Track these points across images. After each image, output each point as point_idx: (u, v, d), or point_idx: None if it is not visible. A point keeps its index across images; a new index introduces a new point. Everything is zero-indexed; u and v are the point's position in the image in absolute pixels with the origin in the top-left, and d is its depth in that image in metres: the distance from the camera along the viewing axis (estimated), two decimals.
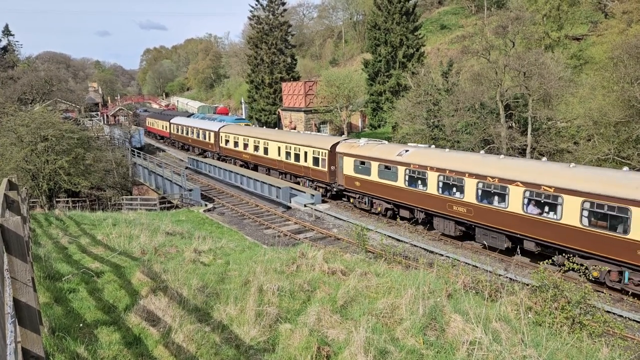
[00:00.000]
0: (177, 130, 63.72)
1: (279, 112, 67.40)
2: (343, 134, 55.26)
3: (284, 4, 72.33)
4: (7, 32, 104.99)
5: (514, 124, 35.92)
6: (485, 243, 21.82)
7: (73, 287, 9.26)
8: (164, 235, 16.72)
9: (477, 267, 19.00)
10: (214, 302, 8.52)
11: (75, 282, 9.56)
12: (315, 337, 7.16)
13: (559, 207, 18.98)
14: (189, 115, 73.99)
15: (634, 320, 15.86)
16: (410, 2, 57.56)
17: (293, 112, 62.16)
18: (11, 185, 7.32)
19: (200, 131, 55.05)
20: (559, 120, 34.36)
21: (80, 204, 33.49)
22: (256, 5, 71.78)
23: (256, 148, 42.35)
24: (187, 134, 59.91)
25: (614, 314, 15.78)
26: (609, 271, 17.82)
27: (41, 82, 70.18)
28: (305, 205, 31.90)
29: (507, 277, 17.02)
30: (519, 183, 20.40)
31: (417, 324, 7.78)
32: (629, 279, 17.24)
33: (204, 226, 26.69)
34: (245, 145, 44.32)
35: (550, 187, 19.21)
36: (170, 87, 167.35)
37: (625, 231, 16.90)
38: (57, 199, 34.54)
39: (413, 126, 39.80)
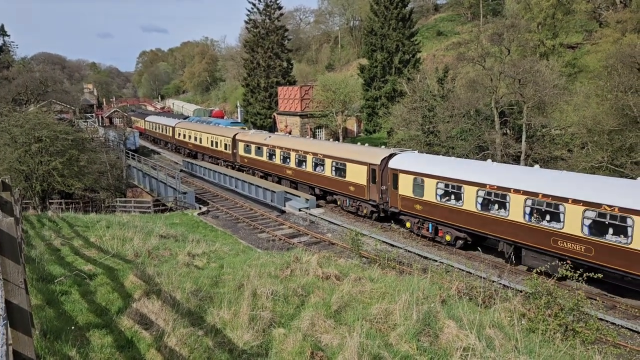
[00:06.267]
0: (150, 126, 74.33)
1: (274, 116, 67.41)
2: (338, 138, 55.35)
3: (280, 8, 72.54)
4: (2, 32, 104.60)
5: (508, 131, 36.08)
6: (302, 192, 34.45)
7: (65, 289, 9.18)
8: (158, 238, 16.64)
9: (470, 273, 19.01)
10: (208, 305, 8.48)
11: (68, 284, 9.48)
12: (309, 342, 7.14)
13: (324, 166, 32.05)
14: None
15: (626, 328, 15.92)
16: (407, 8, 57.88)
17: (289, 116, 62.19)
18: (4, 186, 7.28)
19: (164, 127, 66.81)
20: (554, 127, 34.55)
21: (73, 205, 33.25)
22: (252, 9, 71.94)
23: (196, 139, 54.22)
24: (155, 129, 71.26)
25: (606, 321, 15.84)
26: (344, 201, 30.90)
27: (36, 83, 69.89)
28: (299, 210, 31.87)
29: (500, 283, 17.06)
30: (310, 153, 33.51)
31: (411, 329, 7.76)
32: (349, 204, 30.49)
33: (198, 229, 26.61)
34: (190, 137, 56.15)
35: (321, 154, 32.25)
36: (166, 89, 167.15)
37: (344, 177, 30.08)
38: (50, 201, 34.30)
39: (408, 132, 39.91)
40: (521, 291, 14.36)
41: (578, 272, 11.75)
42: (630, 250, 16.64)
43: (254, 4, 71.58)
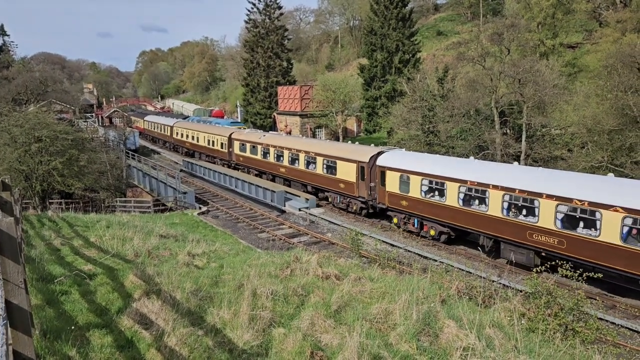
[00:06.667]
0: (148, 126, 75.59)
1: (274, 116, 67.40)
2: (338, 138, 55.34)
3: (280, 7, 72.49)
4: (2, 32, 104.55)
5: (508, 131, 36.06)
6: (294, 189, 35.50)
7: (65, 289, 9.18)
8: (158, 238, 16.64)
9: (470, 272, 19.02)
10: (208, 305, 8.48)
11: (68, 284, 9.49)
12: (309, 342, 7.14)
13: (316, 164, 32.91)
14: (158, 114, 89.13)
15: (626, 328, 15.92)
16: (407, 8, 57.84)
17: (288, 116, 62.18)
18: (4, 186, 7.27)
19: (162, 126, 68.20)
20: (553, 127, 34.54)
21: (73, 205, 33.22)
22: (252, 8, 71.90)
23: (193, 138, 55.40)
24: (153, 129, 72.57)
25: (606, 321, 15.84)
26: (335, 198, 31.79)
27: (36, 83, 69.91)
28: (299, 209, 31.86)
29: (500, 283, 17.08)
30: (302, 151, 34.49)
31: (410, 329, 7.77)
32: (340, 201, 31.21)
33: (198, 229, 26.60)
34: (187, 136, 57.34)
35: (313, 152, 33.21)
36: (166, 89, 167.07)
37: (335, 174, 30.98)
38: (50, 200, 34.29)
39: (408, 132, 39.88)
40: (521, 291, 14.37)
41: (578, 271, 11.75)
42: (598, 243, 17.45)
43: (253, 4, 71.57)
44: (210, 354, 6.74)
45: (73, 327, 7.22)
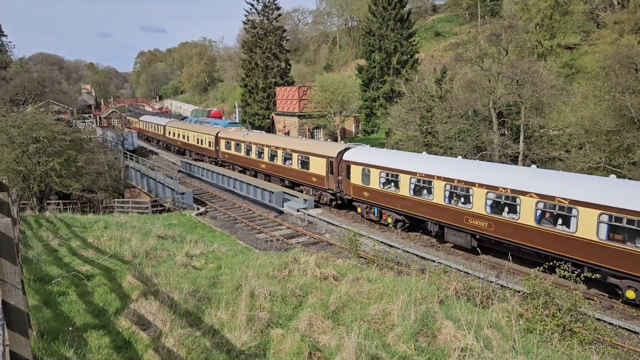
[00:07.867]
0: (143, 126, 77.50)
1: (272, 117, 67.39)
2: (336, 139, 55.33)
3: (278, 8, 72.51)
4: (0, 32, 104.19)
5: (506, 132, 36.11)
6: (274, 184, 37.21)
7: (63, 290, 9.17)
8: (156, 239, 16.62)
9: (468, 273, 19.07)
10: (205, 306, 8.48)
11: (65, 285, 9.47)
12: (307, 342, 7.14)
13: (292, 160, 34.96)
14: (154, 114, 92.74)
15: (623, 328, 15.95)
16: (405, 9, 57.86)
17: (287, 117, 62.18)
18: (1, 187, 7.26)
19: (156, 126, 70.17)
20: (551, 128, 34.57)
21: (71, 206, 33.15)
22: (251, 9, 71.93)
23: (184, 137, 57.56)
24: (148, 128, 74.86)
25: (604, 321, 15.86)
26: (309, 191, 33.93)
27: (34, 83, 69.75)
28: (297, 210, 31.85)
29: (498, 284, 17.09)
30: (280, 148, 36.63)
31: (408, 330, 7.77)
32: (313, 193, 33.34)
33: (196, 230, 26.58)
34: (179, 135, 59.41)
35: (289, 149, 35.31)
36: (164, 90, 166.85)
37: (308, 169, 33.23)
38: (47, 201, 34.22)
39: (406, 132, 39.89)
40: (519, 291, 14.38)
41: (576, 272, 11.76)
42: (518, 225, 20.07)
43: (252, 5, 71.60)
44: (208, 354, 6.73)
45: (70, 328, 7.21)
